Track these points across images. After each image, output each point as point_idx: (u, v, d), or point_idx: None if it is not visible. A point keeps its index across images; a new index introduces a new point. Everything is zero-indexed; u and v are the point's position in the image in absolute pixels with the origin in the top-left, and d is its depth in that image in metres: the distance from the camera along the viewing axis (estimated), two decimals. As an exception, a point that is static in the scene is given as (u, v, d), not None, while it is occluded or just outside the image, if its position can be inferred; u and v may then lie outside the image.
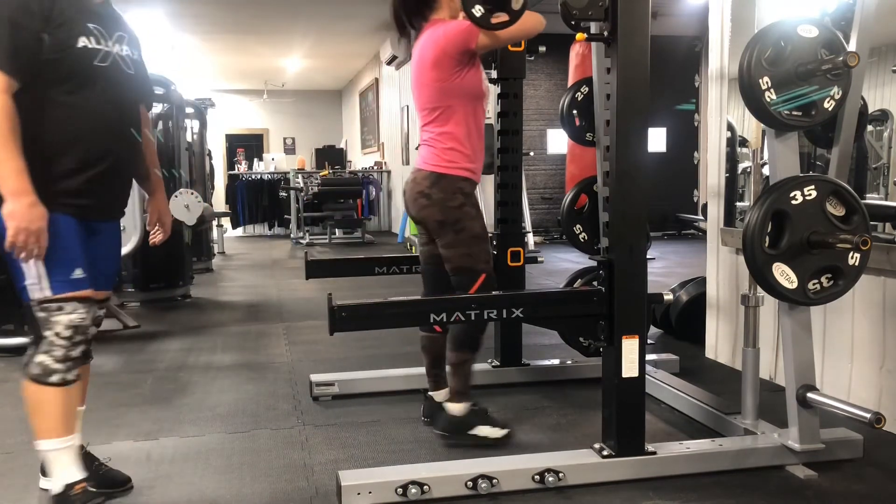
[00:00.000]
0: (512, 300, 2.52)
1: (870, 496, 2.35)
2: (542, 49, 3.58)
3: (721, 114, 3.89)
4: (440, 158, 2.71)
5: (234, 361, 4.16)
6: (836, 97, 2.36)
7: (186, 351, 4.41)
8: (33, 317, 2.09)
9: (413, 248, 8.98)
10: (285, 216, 12.34)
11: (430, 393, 3.01)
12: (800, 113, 2.36)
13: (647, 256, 2.50)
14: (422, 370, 3.29)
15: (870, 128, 4.91)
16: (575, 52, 3.64)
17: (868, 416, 2.31)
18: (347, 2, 9.36)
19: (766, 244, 2.33)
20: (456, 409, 2.78)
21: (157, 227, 2.55)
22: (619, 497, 2.35)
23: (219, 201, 13.32)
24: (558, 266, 7.72)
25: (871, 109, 4.37)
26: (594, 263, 2.64)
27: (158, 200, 2.53)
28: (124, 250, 4.55)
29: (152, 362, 4.15)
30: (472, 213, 2.73)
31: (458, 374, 2.78)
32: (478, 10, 2.48)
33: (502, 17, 2.53)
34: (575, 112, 3.42)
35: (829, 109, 2.37)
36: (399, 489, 2.29)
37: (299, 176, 11.99)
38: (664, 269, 7.15)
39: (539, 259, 4.01)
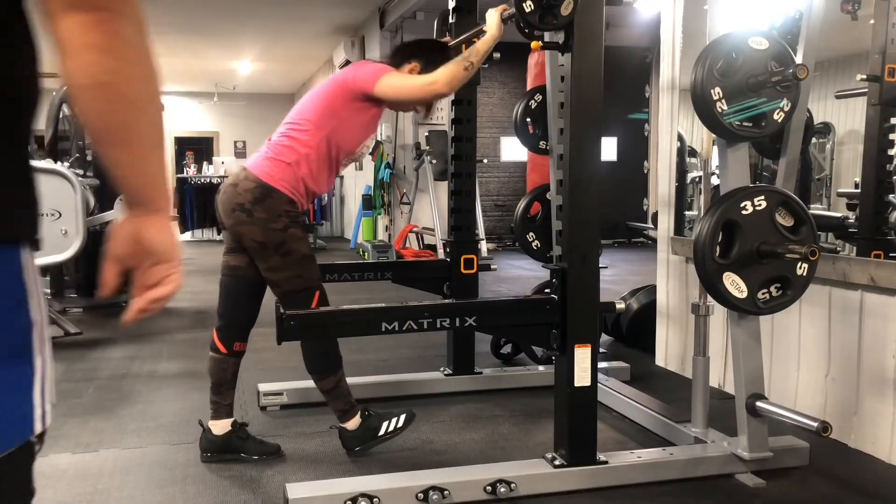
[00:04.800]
0: (465, 308, 2.49)
1: (816, 503, 2.38)
2: (497, 56, 3.55)
3: (671, 124, 3.93)
4: (274, 170, 2.53)
5: (179, 370, 4.05)
6: (786, 109, 2.39)
7: (130, 359, 4.28)
8: (21, 473, 0.90)
9: (367, 254, 8.91)
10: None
11: (209, 423, 2.74)
12: (750, 124, 2.39)
13: (599, 265, 2.50)
14: (373, 378, 3.24)
15: (813, 140, 5.04)
16: (534, 60, 3.64)
17: (815, 424, 2.33)
18: (300, 5, 9.26)
19: (717, 253, 2.35)
20: (352, 425, 2.73)
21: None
22: (570, 507, 2.34)
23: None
24: (511, 273, 7.74)
25: (814, 122, 4.46)
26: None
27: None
28: (65, 255, 4.41)
29: (94, 370, 4.01)
30: (298, 234, 2.57)
31: (335, 397, 2.70)
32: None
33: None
34: (529, 120, 3.42)
35: (779, 121, 2.41)
36: (348, 502, 2.24)
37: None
38: (615, 276, 7.21)
39: (492, 266, 4.00)
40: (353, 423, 2.73)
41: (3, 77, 0.79)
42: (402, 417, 2.75)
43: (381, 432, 2.73)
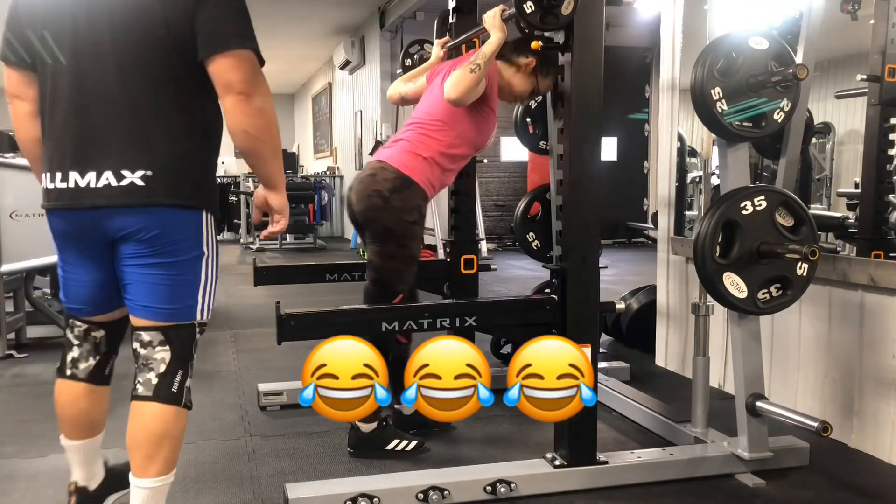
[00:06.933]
0: (465, 308, 2.49)
1: (816, 503, 2.38)
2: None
3: (671, 124, 3.93)
4: (413, 162, 2.60)
5: (179, 370, 4.03)
6: (786, 109, 2.39)
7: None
8: (187, 341, 1.90)
9: (367, 254, 8.91)
10: (235, 221, 12.12)
11: (397, 406, 2.86)
12: (750, 124, 2.38)
13: (599, 265, 2.50)
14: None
15: (813, 140, 5.04)
16: None
17: (815, 424, 2.33)
18: (300, 5, 9.27)
19: (717, 254, 2.35)
20: (367, 427, 2.73)
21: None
22: (570, 507, 2.34)
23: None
24: (511, 273, 7.74)
25: (814, 122, 4.46)
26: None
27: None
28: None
29: (93, 371, 4.00)
30: (419, 234, 2.67)
31: None
32: None
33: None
34: (529, 120, 3.42)
35: (779, 121, 2.40)
36: (348, 502, 2.24)
37: (250, 180, 11.81)
38: (615, 276, 7.21)
39: (492, 266, 4.00)
40: (369, 427, 2.73)
41: (213, 126, 1.87)
42: (413, 444, 2.75)
43: (389, 447, 2.73)
